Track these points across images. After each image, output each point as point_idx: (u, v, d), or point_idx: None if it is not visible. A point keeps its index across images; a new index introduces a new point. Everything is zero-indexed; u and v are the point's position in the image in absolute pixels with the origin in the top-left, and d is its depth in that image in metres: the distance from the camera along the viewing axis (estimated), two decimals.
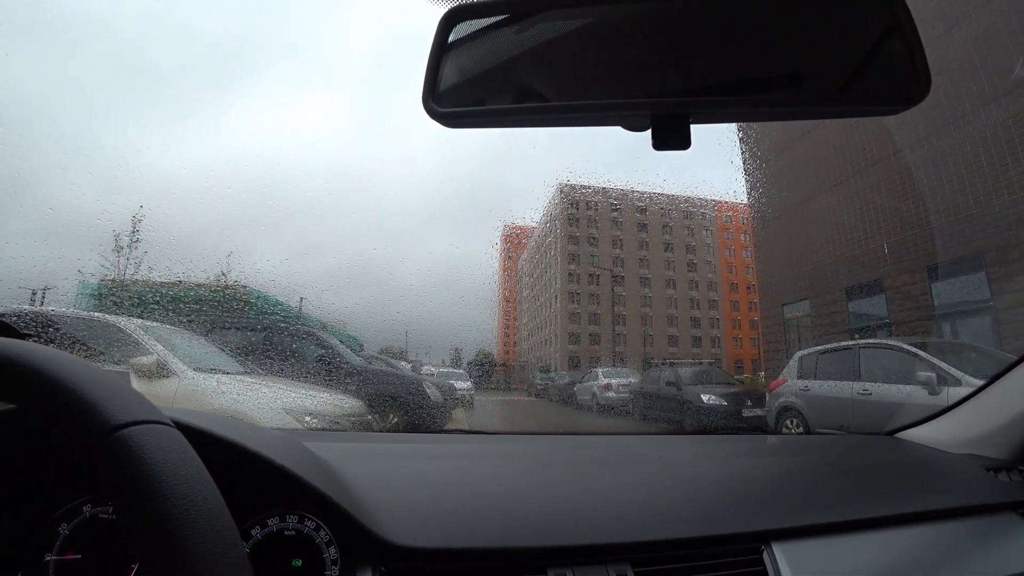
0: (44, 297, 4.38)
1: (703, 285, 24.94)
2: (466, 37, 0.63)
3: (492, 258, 22.90)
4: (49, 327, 2.98)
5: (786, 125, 11.35)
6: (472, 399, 9.45)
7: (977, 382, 1.42)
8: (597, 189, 22.44)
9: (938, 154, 9.19)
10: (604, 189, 22.74)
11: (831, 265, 11.95)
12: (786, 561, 0.84)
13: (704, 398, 7.95)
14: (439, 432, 2.79)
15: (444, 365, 12.63)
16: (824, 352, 6.98)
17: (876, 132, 10.10)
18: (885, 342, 7.03)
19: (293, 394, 3.44)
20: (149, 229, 5.80)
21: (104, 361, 3.16)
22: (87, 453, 0.44)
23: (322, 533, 0.74)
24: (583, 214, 23.22)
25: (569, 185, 20.32)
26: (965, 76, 8.48)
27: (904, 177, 9.95)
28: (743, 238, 24.61)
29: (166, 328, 3.82)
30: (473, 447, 1.40)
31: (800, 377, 6.75)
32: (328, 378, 4.42)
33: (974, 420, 1.35)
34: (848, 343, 7.35)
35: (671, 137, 0.57)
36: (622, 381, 11.00)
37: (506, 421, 9.97)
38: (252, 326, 4.93)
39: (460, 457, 1.24)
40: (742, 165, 10.02)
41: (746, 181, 11.28)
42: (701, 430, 6.54)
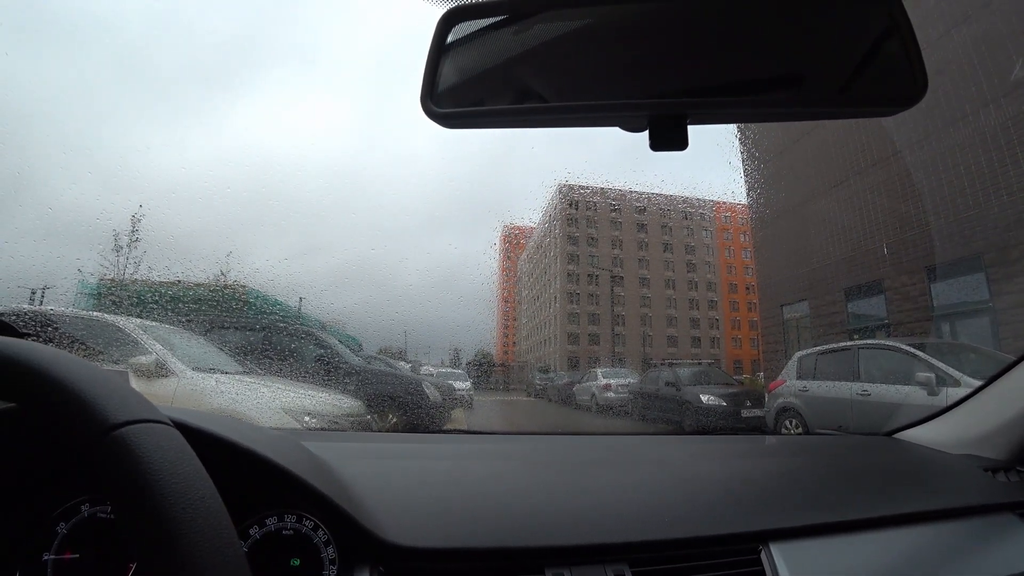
0: (43, 296, 4.38)
1: (702, 286, 24.94)
2: (464, 38, 0.63)
3: (491, 258, 22.94)
4: (48, 326, 2.97)
5: (785, 126, 11.37)
6: (471, 399, 9.45)
7: (976, 383, 1.42)
8: (596, 190, 22.44)
9: (937, 155, 9.20)
10: (603, 190, 22.74)
11: (830, 266, 11.96)
12: (784, 561, 0.84)
13: (703, 398, 7.95)
14: (438, 432, 2.80)
15: (443, 365, 12.66)
16: (823, 353, 6.99)
17: (875, 133, 10.11)
18: (884, 343, 7.03)
19: (292, 394, 3.44)
20: (148, 229, 5.80)
21: (103, 360, 3.16)
22: (85, 452, 0.44)
23: (320, 533, 0.74)
24: (582, 214, 23.21)
25: (568, 186, 20.32)
26: (964, 77, 8.49)
27: (903, 178, 9.96)
28: (742, 239, 24.61)
29: (165, 328, 3.82)
30: (472, 447, 1.40)
31: (799, 378, 6.76)
32: (327, 378, 4.42)
33: (972, 421, 1.36)
34: (847, 344, 7.35)
35: (668, 138, 0.57)
36: (621, 381, 11.00)
37: (505, 421, 9.96)
38: (251, 326, 4.93)
39: (459, 457, 1.24)
40: (741, 166, 10.03)
41: (745, 182, 11.30)
42: (700, 430, 6.55)
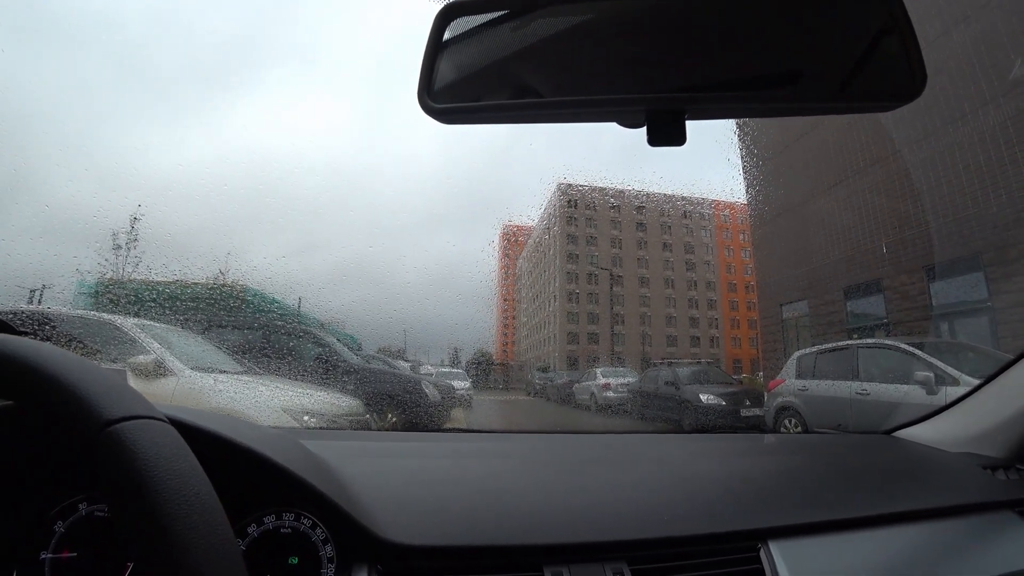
0: (41, 296, 4.37)
1: (702, 285, 24.98)
2: (462, 33, 0.63)
3: (490, 257, 22.94)
4: (46, 325, 2.97)
5: (784, 124, 11.37)
6: (470, 398, 9.46)
7: (974, 381, 1.42)
8: (595, 188, 22.47)
9: (936, 154, 9.21)
10: (603, 188, 22.77)
11: (830, 265, 11.97)
12: (783, 559, 0.84)
13: (702, 397, 7.96)
14: (437, 431, 2.80)
15: (442, 364, 12.66)
16: (822, 352, 6.99)
17: (875, 132, 10.11)
18: (883, 342, 7.04)
19: (291, 393, 3.44)
20: (147, 227, 5.80)
21: (101, 359, 3.15)
22: (82, 449, 0.44)
23: (319, 531, 0.74)
24: (582, 213, 23.23)
25: (567, 184, 20.34)
26: (963, 76, 8.49)
27: (902, 177, 9.97)
28: (742, 238, 24.64)
29: (163, 327, 3.81)
30: (471, 446, 1.40)
31: (798, 377, 6.76)
32: (326, 377, 4.42)
33: (971, 419, 1.36)
34: (846, 343, 7.35)
35: (666, 133, 0.57)
36: (620, 381, 11.03)
37: (504, 420, 9.97)
38: (250, 325, 4.93)
39: (458, 456, 1.24)
40: (740, 164, 10.02)
41: (744, 180, 11.30)
42: (699, 429, 6.55)
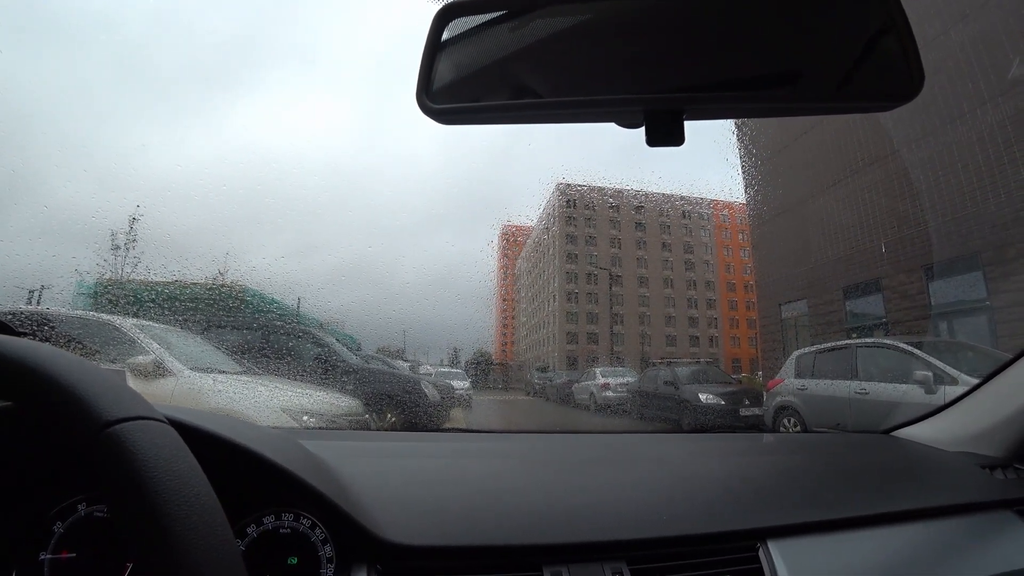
0: (40, 296, 4.36)
1: (701, 285, 24.98)
2: (460, 34, 0.63)
3: (489, 257, 22.94)
4: (45, 326, 2.96)
5: (783, 124, 11.38)
6: (470, 398, 9.46)
7: (973, 381, 1.42)
8: (595, 188, 22.47)
9: (935, 154, 9.22)
10: (601, 188, 22.76)
11: (828, 264, 11.98)
12: (782, 558, 0.84)
13: (702, 397, 7.97)
14: (436, 431, 2.79)
15: (442, 364, 12.67)
16: (821, 351, 7.00)
17: (873, 132, 10.12)
18: (882, 341, 7.05)
19: (290, 393, 3.44)
20: (146, 227, 5.79)
21: (100, 360, 3.14)
22: (81, 449, 0.44)
23: (318, 531, 0.74)
24: (581, 213, 23.23)
25: (566, 184, 20.34)
26: (962, 76, 8.50)
27: (901, 177, 9.98)
28: (741, 237, 24.66)
29: (162, 327, 3.80)
30: (470, 446, 1.40)
31: (797, 376, 6.77)
32: (325, 377, 4.41)
33: (970, 418, 1.36)
34: (845, 342, 7.36)
35: (665, 133, 0.57)
36: (620, 380, 11.03)
37: (503, 420, 9.97)
38: (249, 325, 4.92)
39: (457, 456, 1.24)
40: (739, 164, 10.03)
41: (743, 180, 11.31)
42: (698, 429, 6.55)
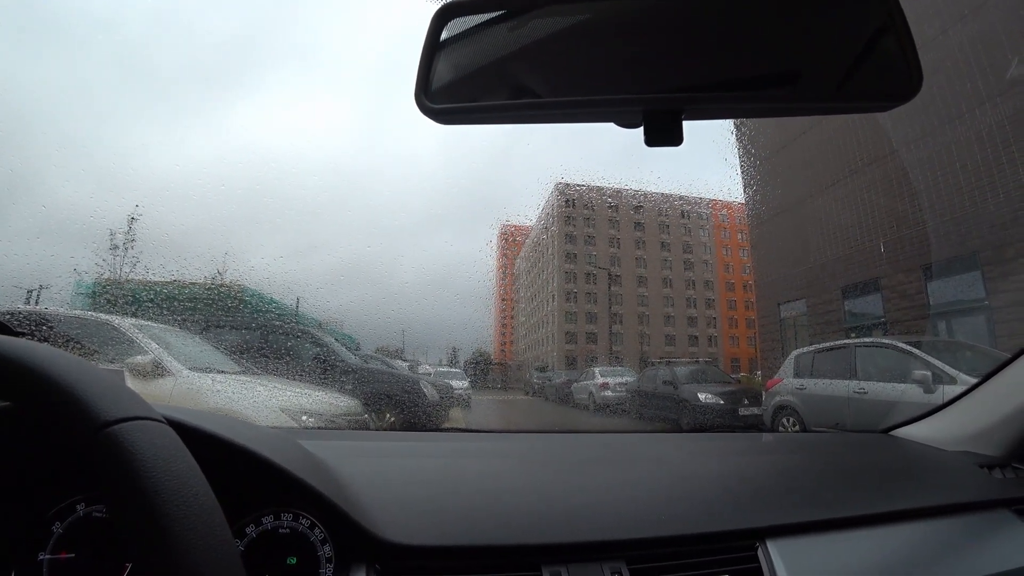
0: (39, 296, 4.35)
1: (700, 284, 25.01)
2: (459, 34, 0.63)
3: (489, 256, 22.91)
4: (43, 326, 2.96)
5: (782, 123, 11.38)
6: (469, 398, 9.46)
7: (972, 380, 1.42)
8: (594, 188, 22.47)
9: (934, 153, 9.22)
10: (600, 188, 22.76)
11: (827, 264, 11.98)
12: (780, 558, 0.84)
13: (701, 397, 7.97)
14: (435, 431, 2.79)
15: (441, 364, 12.67)
16: (820, 351, 7.01)
17: (872, 131, 10.12)
18: (881, 341, 7.05)
19: (289, 393, 3.43)
20: (144, 227, 5.78)
21: (99, 360, 3.14)
22: (79, 449, 0.44)
23: (317, 531, 0.74)
24: (580, 213, 23.24)
25: (565, 184, 20.33)
26: (960, 76, 8.51)
27: (900, 176, 9.98)
28: (740, 237, 24.68)
29: (161, 327, 3.80)
30: (469, 445, 1.40)
31: (796, 376, 6.77)
32: (324, 377, 4.41)
33: (968, 417, 1.36)
34: (844, 342, 7.37)
35: (663, 133, 0.57)
36: (619, 380, 11.03)
37: (503, 420, 9.97)
38: (248, 325, 4.92)
39: (456, 455, 1.24)
40: (738, 164, 10.02)
41: (742, 179, 11.30)
42: (697, 428, 6.57)
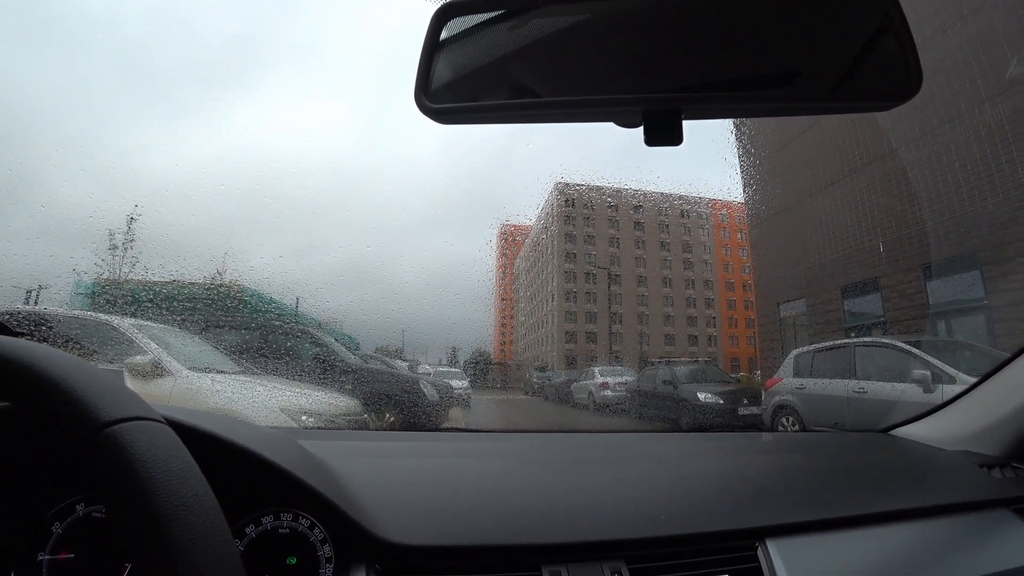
0: (38, 296, 4.35)
1: (699, 284, 25.03)
2: (459, 33, 0.63)
3: (488, 256, 22.92)
4: (43, 326, 2.96)
5: (781, 123, 11.38)
6: (469, 398, 9.45)
7: (971, 379, 1.42)
8: (593, 188, 22.46)
9: (933, 153, 9.22)
10: (600, 188, 22.76)
11: (827, 264, 11.97)
12: (780, 557, 0.84)
13: (700, 396, 7.97)
14: (435, 431, 2.79)
15: (441, 364, 12.66)
16: (820, 350, 7.01)
17: (871, 131, 10.13)
18: (880, 340, 7.05)
19: (289, 393, 3.43)
20: (144, 227, 5.78)
21: (99, 360, 3.14)
22: (79, 450, 0.44)
23: (317, 531, 0.74)
24: (579, 213, 23.24)
25: (565, 183, 20.32)
26: (960, 75, 8.51)
27: (899, 176, 9.98)
28: (739, 237, 24.70)
29: (161, 327, 3.80)
30: (469, 445, 1.40)
31: (796, 375, 6.78)
32: (324, 377, 4.41)
33: (968, 417, 1.36)
34: (843, 341, 7.37)
35: (663, 133, 0.57)
36: (619, 380, 11.03)
37: (502, 420, 9.96)
38: (247, 325, 4.92)
39: (456, 455, 1.24)
40: (737, 164, 10.02)
41: (741, 179, 11.30)
42: (697, 428, 6.58)
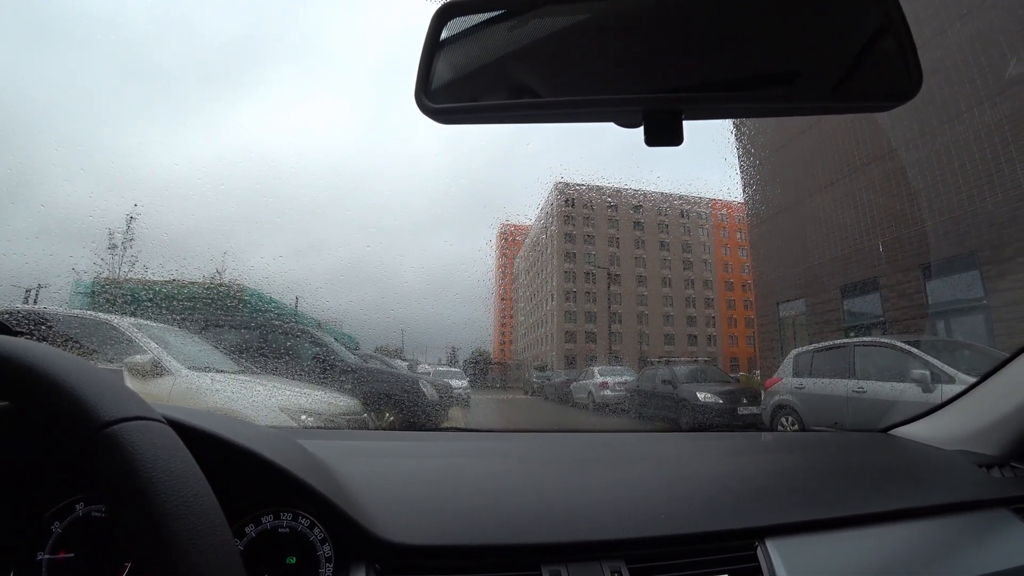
0: (38, 296, 4.35)
1: (699, 284, 25.05)
2: (459, 33, 0.63)
3: (488, 256, 22.93)
4: (42, 325, 2.96)
5: (781, 123, 11.38)
6: (468, 397, 9.45)
7: (971, 379, 1.42)
8: (593, 188, 22.48)
9: (932, 153, 9.22)
10: (600, 188, 22.78)
11: (826, 263, 11.97)
12: (780, 557, 0.84)
13: (700, 396, 7.96)
14: (435, 430, 2.79)
15: (440, 363, 12.67)
16: (819, 350, 7.00)
17: (871, 131, 10.13)
18: (880, 340, 7.05)
19: (288, 392, 3.44)
20: (143, 227, 5.77)
21: (98, 359, 3.14)
22: (79, 450, 0.44)
23: (316, 531, 0.74)
24: (579, 212, 23.25)
25: (565, 183, 20.32)
26: (959, 75, 8.51)
27: (899, 176, 9.98)
28: (739, 237, 24.71)
29: (160, 326, 3.80)
30: (468, 445, 1.40)
31: (795, 375, 6.77)
32: (323, 376, 4.42)
33: (967, 417, 1.36)
34: (843, 341, 7.36)
35: (663, 133, 0.57)
36: (618, 379, 11.03)
37: (502, 419, 9.96)
38: (247, 324, 4.92)
39: (455, 455, 1.24)
40: (737, 164, 10.02)
41: (741, 179, 11.28)
42: (697, 428, 6.59)
